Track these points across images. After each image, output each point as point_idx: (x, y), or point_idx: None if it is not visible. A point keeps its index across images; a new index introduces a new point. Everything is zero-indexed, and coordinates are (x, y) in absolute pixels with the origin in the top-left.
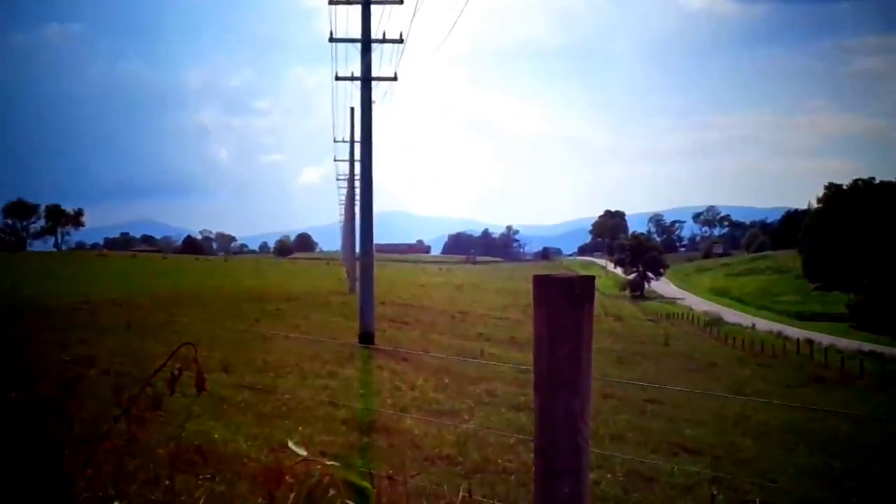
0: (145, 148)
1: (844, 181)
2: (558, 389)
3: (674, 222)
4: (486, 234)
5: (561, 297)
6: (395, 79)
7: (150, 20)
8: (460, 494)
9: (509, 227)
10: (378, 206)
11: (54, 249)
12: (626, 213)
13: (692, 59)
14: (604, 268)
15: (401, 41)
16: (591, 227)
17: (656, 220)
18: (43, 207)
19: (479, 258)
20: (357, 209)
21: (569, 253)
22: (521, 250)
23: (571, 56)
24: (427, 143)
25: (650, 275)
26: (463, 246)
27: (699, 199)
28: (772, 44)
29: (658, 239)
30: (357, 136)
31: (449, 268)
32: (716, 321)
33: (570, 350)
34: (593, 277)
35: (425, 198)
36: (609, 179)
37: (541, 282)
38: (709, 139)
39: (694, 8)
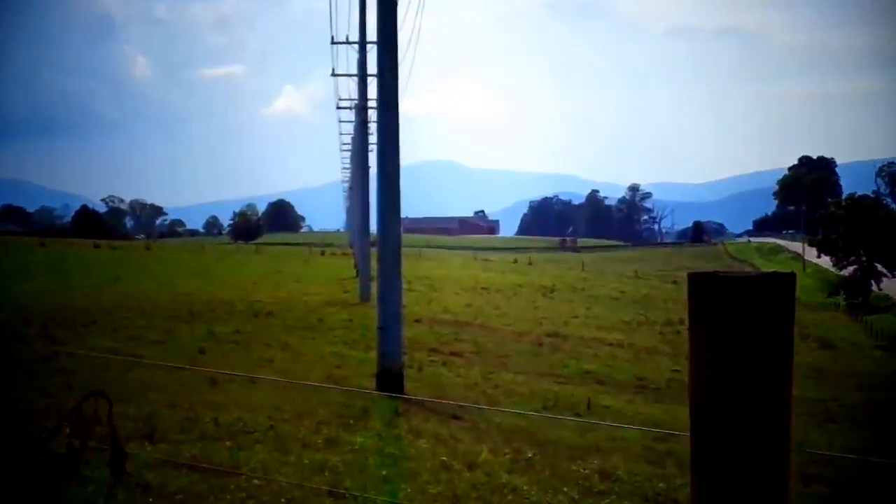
0: (9, 56)
1: None
2: (732, 467)
3: None
4: (592, 199)
5: (737, 310)
6: None
7: None
8: None
9: (634, 189)
10: (411, 155)
11: None
12: (838, 160)
13: None
14: (798, 256)
15: None
16: (775, 187)
17: (891, 172)
18: None
19: (581, 241)
20: (373, 159)
21: (737, 233)
22: (656, 227)
23: None
24: (487, 48)
25: (881, 268)
26: (552, 221)
27: None
28: None
29: (895, 205)
30: (371, 34)
31: (530, 257)
32: None
33: (752, 399)
34: (793, 275)
35: (487, 141)
36: (801, 102)
37: (701, 283)
38: None
39: None
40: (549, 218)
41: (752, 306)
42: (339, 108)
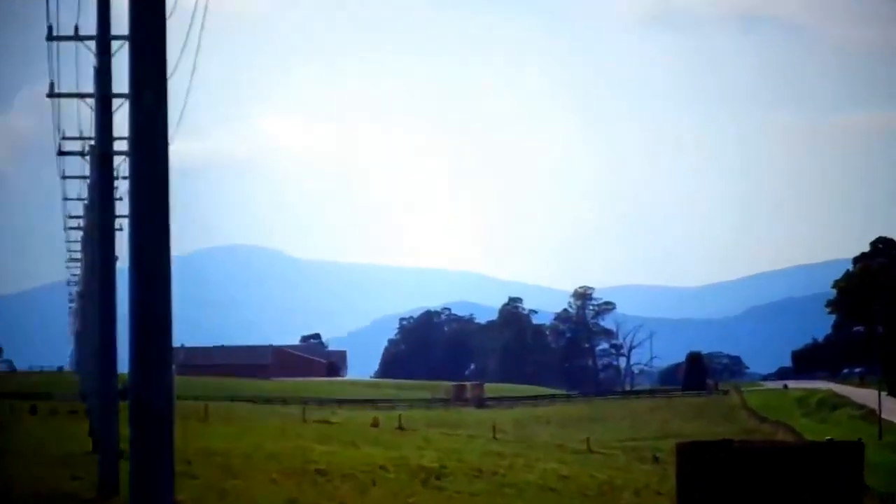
0: None
1: None
2: None
3: None
4: (510, 315)
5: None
6: None
7: None
8: None
9: (584, 296)
10: (195, 237)
11: None
12: None
13: None
14: (870, 414)
15: None
16: (831, 293)
17: None
18: None
19: (492, 387)
20: (124, 244)
21: (765, 372)
22: (623, 362)
23: None
24: (333, 56)
25: None
26: (440, 352)
27: None
28: None
29: None
30: (121, 25)
31: (401, 416)
32: None
33: None
34: (858, 445)
35: (328, 216)
36: (870, 142)
37: (698, 459)
38: None
39: None
40: (435, 347)
41: (786, 495)
42: (62, 153)
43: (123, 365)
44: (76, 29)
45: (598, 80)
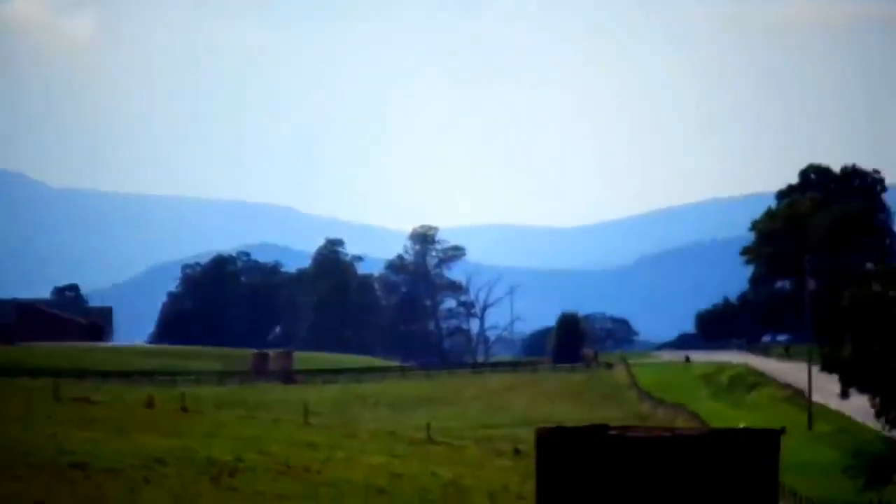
0: None
1: None
2: None
3: None
4: (327, 262)
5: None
6: None
7: None
8: None
9: (423, 237)
10: None
11: None
12: (888, 177)
13: None
14: (798, 394)
15: None
16: (750, 235)
17: None
18: None
19: (303, 356)
20: None
21: (661, 341)
22: (475, 325)
23: None
24: None
25: None
26: (240, 308)
27: None
28: None
29: None
30: None
31: (185, 393)
32: None
33: None
34: (776, 434)
35: (91, 135)
36: (802, 40)
37: (561, 447)
38: None
39: None
40: (229, 303)
41: (677, 498)
42: None
43: None
44: None
45: None
